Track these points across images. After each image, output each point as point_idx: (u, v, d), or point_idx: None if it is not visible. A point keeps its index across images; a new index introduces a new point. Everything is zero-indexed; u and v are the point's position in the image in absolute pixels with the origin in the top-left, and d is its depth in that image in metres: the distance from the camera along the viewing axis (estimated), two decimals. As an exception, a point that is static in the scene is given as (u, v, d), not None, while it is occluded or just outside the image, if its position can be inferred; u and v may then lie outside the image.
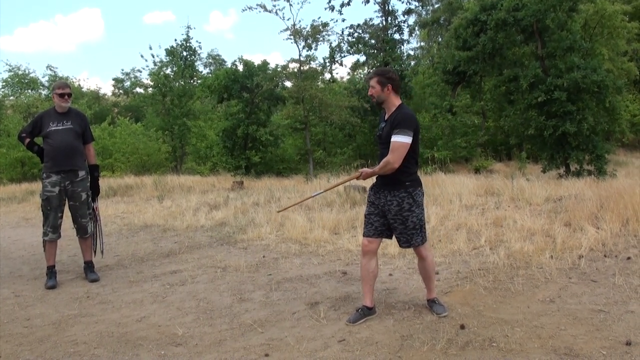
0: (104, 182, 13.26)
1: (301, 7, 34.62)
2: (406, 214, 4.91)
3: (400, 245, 5.14)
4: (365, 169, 5.06)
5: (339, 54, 34.54)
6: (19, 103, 39.25)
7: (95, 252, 7.48)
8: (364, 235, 5.15)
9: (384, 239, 5.21)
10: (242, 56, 31.72)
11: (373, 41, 34.56)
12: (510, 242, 7.48)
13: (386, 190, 4.98)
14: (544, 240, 7.35)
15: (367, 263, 5.09)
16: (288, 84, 29.58)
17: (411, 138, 4.79)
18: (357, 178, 5.13)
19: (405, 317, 5.05)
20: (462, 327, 4.68)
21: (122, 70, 59.98)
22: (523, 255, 6.86)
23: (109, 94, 54.66)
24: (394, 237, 5.15)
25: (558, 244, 7.09)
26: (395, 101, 4.99)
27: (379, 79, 4.95)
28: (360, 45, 34.58)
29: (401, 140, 4.75)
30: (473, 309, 5.16)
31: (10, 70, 41.24)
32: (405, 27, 36.32)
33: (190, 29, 43.36)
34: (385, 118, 5.04)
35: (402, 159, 4.77)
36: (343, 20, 49.42)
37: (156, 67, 34.72)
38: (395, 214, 4.92)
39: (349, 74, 41.27)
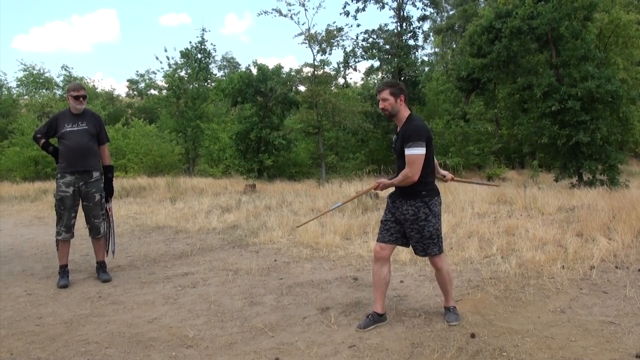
0: (117, 183, 13.35)
1: (316, 12, 34.59)
2: (422, 224, 4.90)
3: (417, 254, 5.14)
4: (383, 180, 5.02)
5: (353, 59, 34.59)
6: (33, 102, 39.51)
7: (107, 252, 7.51)
8: (377, 241, 5.13)
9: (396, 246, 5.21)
10: (256, 60, 31.77)
11: (387, 47, 34.61)
12: (522, 251, 7.47)
13: (402, 199, 4.96)
14: (555, 250, 7.33)
15: (379, 269, 5.08)
16: (302, 88, 29.65)
17: (424, 149, 4.76)
18: (375, 189, 5.09)
19: (415, 325, 5.04)
20: (473, 335, 4.68)
21: (137, 71, 60.31)
22: (534, 264, 6.85)
23: (123, 95, 54.96)
24: (410, 246, 5.15)
25: (570, 254, 7.07)
26: (405, 112, 4.95)
27: (392, 90, 4.91)
28: (374, 51, 34.63)
29: (415, 152, 4.73)
30: (484, 317, 5.16)
31: (25, 70, 41.61)
32: (420, 33, 36.33)
33: (206, 31, 43.74)
34: (397, 131, 5.01)
35: (420, 170, 4.75)
36: (358, 25, 49.36)
37: (171, 69, 34.94)
38: (411, 223, 4.92)
39: (362, 79, 41.45)
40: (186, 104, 34.95)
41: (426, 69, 38.51)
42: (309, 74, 28.77)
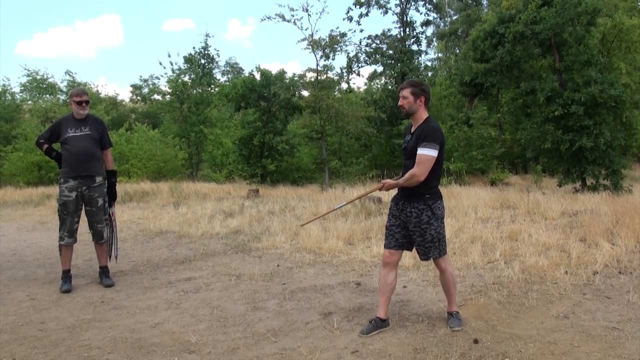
0: (120, 188, 13.33)
1: (319, 18, 34.77)
2: (424, 227, 4.91)
3: (420, 258, 5.16)
4: (388, 180, 5.04)
5: (356, 64, 34.66)
6: (36, 108, 39.51)
7: (110, 257, 7.52)
8: (385, 247, 5.16)
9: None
10: (259, 65, 31.80)
11: (391, 52, 34.67)
12: (525, 256, 7.46)
13: (406, 202, 4.99)
14: (559, 255, 7.32)
15: (387, 275, 5.09)
16: (305, 93, 29.65)
17: (437, 152, 4.80)
18: (380, 189, 5.12)
19: (418, 330, 5.04)
20: (476, 341, 4.67)
21: (141, 77, 60.39)
22: (538, 270, 6.84)
23: (127, 100, 54.92)
24: (414, 249, 5.16)
25: (573, 260, 7.07)
26: (424, 114, 4.99)
27: (413, 90, 4.95)
28: (377, 56, 34.71)
29: (427, 153, 4.76)
30: (487, 323, 5.15)
31: (28, 75, 41.64)
32: (423, 38, 36.42)
33: (209, 37, 43.62)
34: (412, 131, 5.03)
35: (427, 172, 4.78)
36: (361, 30, 49.02)
37: (174, 74, 34.97)
38: (414, 225, 4.94)
39: (365, 84, 41.41)
40: (189, 109, 35.00)
41: (429, 74, 38.48)
42: (312, 79, 28.77)
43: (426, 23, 36.07)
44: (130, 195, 19.16)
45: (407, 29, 34.87)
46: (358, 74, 35.52)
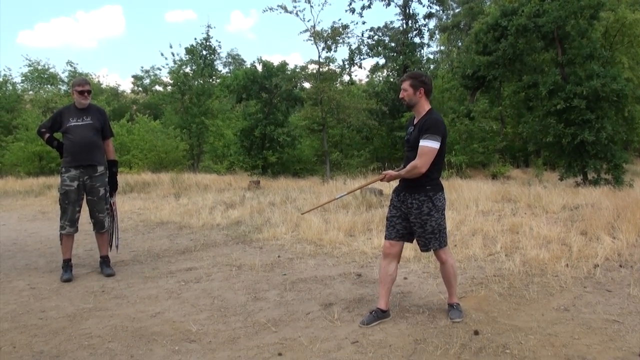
0: (121, 178, 13.32)
1: (322, 9, 34.73)
2: (425, 218, 4.91)
3: (420, 249, 5.17)
4: (390, 171, 5.05)
5: (358, 57, 34.61)
6: (37, 98, 39.45)
7: (111, 247, 7.52)
8: (385, 238, 5.16)
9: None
10: (261, 57, 31.73)
11: (393, 44, 34.61)
12: (526, 249, 7.46)
13: (407, 193, 4.99)
14: (559, 248, 7.32)
15: (387, 266, 5.10)
16: (307, 85, 29.61)
17: (439, 143, 4.81)
18: (382, 180, 5.12)
19: (419, 321, 5.04)
20: (476, 332, 4.67)
21: (142, 67, 60.27)
22: (538, 262, 6.84)
23: (128, 91, 54.81)
24: (414, 240, 5.16)
25: (574, 253, 7.06)
26: (426, 106, 5.00)
27: (412, 82, 4.97)
28: (379, 48, 34.65)
29: (429, 145, 4.77)
30: (487, 315, 5.15)
31: (29, 65, 41.56)
32: (426, 31, 36.27)
33: (211, 28, 43.63)
34: (414, 122, 5.04)
35: (429, 163, 4.79)
36: (363, 22, 48.63)
37: (176, 65, 34.87)
38: (415, 217, 4.94)
39: (367, 76, 41.36)
40: (191, 100, 34.90)
41: (432, 66, 38.45)
42: (314, 71, 28.72)
43: (429, 15, 36.00)
44: (132, 186, 19.14)
45: (410, 22, 34.79)
46: (360, 66, 35.56)
